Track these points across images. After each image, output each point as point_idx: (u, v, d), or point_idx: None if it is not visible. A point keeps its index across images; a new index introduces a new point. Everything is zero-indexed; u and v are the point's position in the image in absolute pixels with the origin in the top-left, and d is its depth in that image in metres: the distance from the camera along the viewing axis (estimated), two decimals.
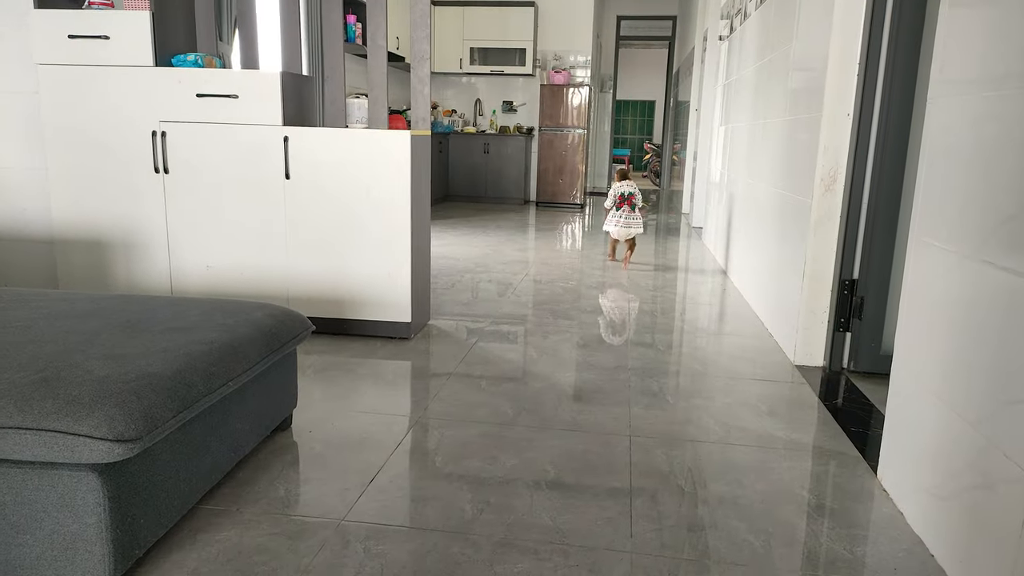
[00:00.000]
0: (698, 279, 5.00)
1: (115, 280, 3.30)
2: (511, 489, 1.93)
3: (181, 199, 3.18)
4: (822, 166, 2.91)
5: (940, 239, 1.78)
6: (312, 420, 2.34)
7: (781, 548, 1.70)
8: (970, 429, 1.58)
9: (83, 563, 1.38)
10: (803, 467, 2.13)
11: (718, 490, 1.96)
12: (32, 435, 1.32)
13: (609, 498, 1.90)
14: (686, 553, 1.66)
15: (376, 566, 1.57)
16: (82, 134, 3.16)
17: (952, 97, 1.77)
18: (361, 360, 2.96)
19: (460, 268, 5.03)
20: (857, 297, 2.90)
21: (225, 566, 1.56)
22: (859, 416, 2.52)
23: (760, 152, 4.23)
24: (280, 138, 3.07)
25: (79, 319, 1.85)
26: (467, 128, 9.60)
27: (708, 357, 3.17)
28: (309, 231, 3.14)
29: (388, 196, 3.08)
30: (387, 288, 3.17)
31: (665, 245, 6.54)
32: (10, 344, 1.62)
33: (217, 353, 1.72)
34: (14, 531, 1.37)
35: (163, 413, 1.45)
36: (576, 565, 1.60)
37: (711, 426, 2.40)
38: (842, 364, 3.00)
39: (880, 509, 1.90)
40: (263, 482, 1.93)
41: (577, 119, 9.12)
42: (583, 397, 2.63)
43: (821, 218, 2.95)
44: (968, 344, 1.61)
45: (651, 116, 17.75)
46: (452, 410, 2.46)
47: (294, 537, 1.67)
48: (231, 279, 3.22)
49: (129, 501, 1.43)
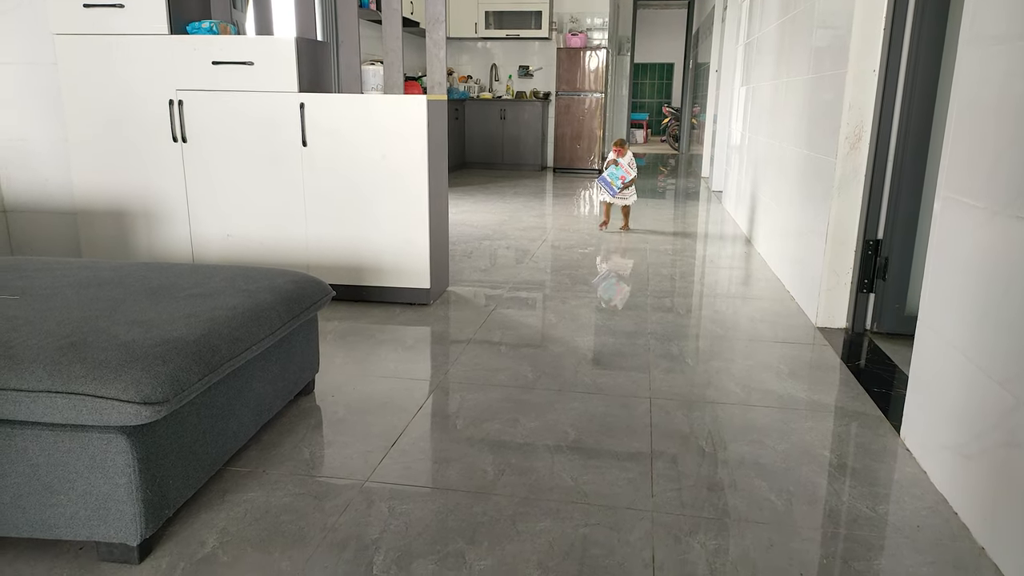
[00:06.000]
0: (718, 243, 4.95)
1: (137, 250, 3.33)
2: (532, 451, 1.95)
3: (200, 168, 3.19)
4: (847, 124, 2.85)
5: (969, 195, 1.74)
6: (334, 385, 2.37)
7: (803, 507, 1.70)
8: (998, 387, 1.56)
9: (115, 522, 1.42)
10: (825, 427, 2.12)
11: (739, 451, 1.96)
12: (62, 398, 1.34)
13: (630, 459, 1.91)
14: (707, 512, 1.67)
15: (400, 525, 1.60)
16: (100, 104, 3.17)
17: (983, 50, 1.72)
18: (381, 326, 2.98)
19: (478, 235, 5.02)
20: (881, 258, 2.85)
21: (253, 525, 1.59)
22: (882, 377, 2.50)
23: (782, 112, 4.14)
24: (296, 105, 3.06)
25: (103, 287, 1.87)
26: (483, 94, 9.51)
27: (728, 320, 3.15)
28: (327, 198, 3.14)
29: (405, 161, 3.06)
30: (406, 254, 3.17)
31: (684, 209, 6.48)
32: (37, 311, 1.64)
33: (240, 318, 1.73)
34: (48, 492, 1.41)
35: (189, 377, 1.47)
36: (597, 524, 1.62)
37: (732, 388, 2.39)
38: (865, 326, 2.97)
39: (903, 468, 1.89)
40: (288, 445, 1.96)
41: (594, 83, 8.99)
42: (603, 361, 2.63)
43: (845, 177, 2.90)
44: (997, 301, 1.58)
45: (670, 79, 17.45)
46: (472, 374, 2.48)
47: (320, 497, 1.70)
48: (251, 248, 3.24)
49: (158, 463, 1.46)
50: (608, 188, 5.07)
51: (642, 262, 4.27)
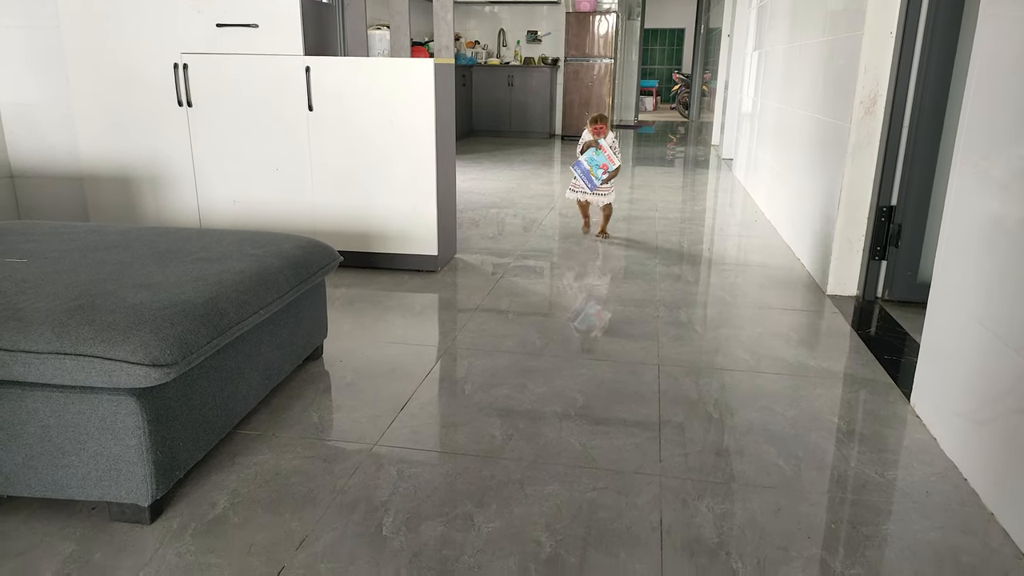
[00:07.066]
0: (728, 211, 4.91)
1: (144, 216, 3.32)
2: (540, 416, 1.95)
3: (206, 133, 3.16)
4: (862, 88, 2.79)
5: (987, 160, 1.70)
6: (342, 350, 2.37)
7: (811, 472, 1.70)
8: (1012, 354, 1.54)
9: (127, 483, 1.43)
10: (834, 394, 2.11)
11: (748, 417, 1.96)
12: (71, 360, 1.34)
13: (638, 424, 1.91)
14: (715, 477, 1.67)
15: (409, 487, 1.61)
16: (105, 68, 3.14)
17: (1004, 12, 1.67)
18: (388, 293, 2.97)
19: (485, 203, 4.98)
20: (895, 224, 2.82)
21: (263, 487, 1.60)
22: (892, 344, 2.49)
23: (796, 76, 4.07)
24: (302, 68, 3.02)
25: (110, 250, 1.87)
26: (491, 60, 9.39)
27: (738, 288, 3.13)
28: (334, 164, 3.12)
29: (412, 126, 3.03)
30: (413, 221, 3.15)
31: (694, 177, 6.42)
32: (44, 274, 1.64)
33: (248, 282, 1.72)
34: (60, 452, 1.42)
35: (197, 339, 1.46)
36: (605, 488, 1.62)
37: (741, 355, 2.38)
38: (876, 293, 2.94)
39: (913, 435, 1.88)
40: (297, 409, 1.97)
41: (604, 48, 8.86)
42: (611, 328, 2.62)
43: (860, 142, 2.85)
44: (1013, 268, 1.56)
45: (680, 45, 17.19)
46: (480, 341, 2.47)
47: (329, 460, 1.71)
48: (258, 214, 3.23)
49: (168, 425, 1.46)
50: (587, 180, 3.82)
51: (650, 230, 4.24)
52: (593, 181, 3.80)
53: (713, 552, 1.41)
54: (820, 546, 1.43)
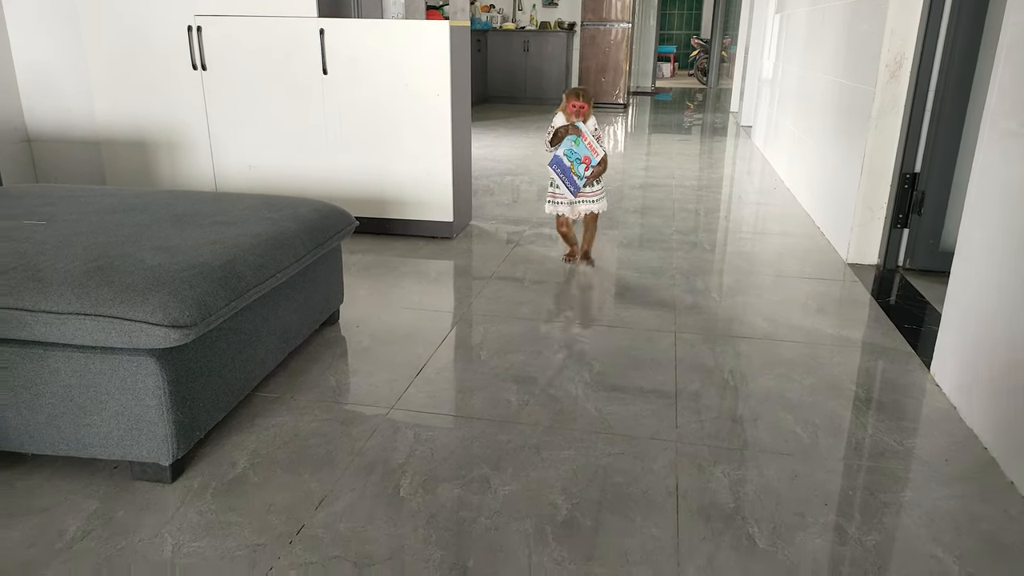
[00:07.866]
0: (746, 178, 4.84)
1: (160, 180, 3.32)
2: (556, 381, 1.95)
3: (221, 97, 3.15)
4: (887, 51, 2.72)
5: (1018, 125, 1.65)
6: (359, 315, 2.37)
7: (828, 439, 1.69)
8: None
9: (148, 442, 1.44)
10: (853, 362, 2.09)
11: (765, 384, 1.95)
12: (91, 320, 1.35)
13: (654, 391, 1.91)
14: (731, 443, 1.67)
15: (426, 450, 1.62)
16: (119, 31, 3.11)
17: None
18: (404, 259, 2.97)
19: (500, 170, 4.95)
20: (918, 191, 2.77)
21: (283, 448, 1.62)
22: (913, 313, 2.46)
23: (819, 39, 3.98)
24: (316, 31, 2.98)
25: (128, 213, 1.87)
26: (506, 24, 9.24)
27: (756, 256, 3.10)
28: (348, 128, 3.09)
29: (428, 90, 2.99)
30: (428, 187, 3.13)
31: (711, 145, 6.33)
32: (62, 236, 1.64)
33: (264, 245, 1.72)
34: (82, 412, 1.44)
35: (215, 301, 1.47)
36: (621, 453, 1.62)
37: (758, 323, 2.36)
38: (897, 262, 2.90)
39: (932, 403, 1.87)
40: (315, 372, 1.98)
41: (621, 13, 8.69)
42: (627, 296, 2.61)
43: (884, 107, 2.78)
44: None
45: (699, 9, 16.83)
46: (496, 307, 2.47)
47: (347, 423, 1.72)
48: (273, 179, 3.22)
49: (188, 386, 1.48)
50: (568, 181, 2.74)
51: (667, 198, 4.19)
52: (575, 181, 2.74)
53: (729, 517, 1.41)
54: (836, 512, 1.43)
